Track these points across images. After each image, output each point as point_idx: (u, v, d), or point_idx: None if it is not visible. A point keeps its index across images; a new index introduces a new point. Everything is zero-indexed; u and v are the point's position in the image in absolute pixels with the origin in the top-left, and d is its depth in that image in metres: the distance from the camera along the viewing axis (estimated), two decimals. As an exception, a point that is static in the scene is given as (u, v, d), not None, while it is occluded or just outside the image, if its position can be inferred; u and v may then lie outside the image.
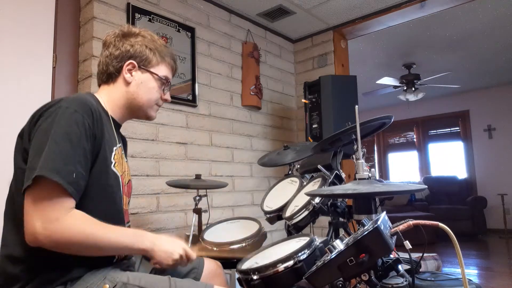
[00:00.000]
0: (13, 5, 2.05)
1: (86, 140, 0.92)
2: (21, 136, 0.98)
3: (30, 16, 2.11)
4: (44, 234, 0.83)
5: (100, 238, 0.90)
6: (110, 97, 1.12)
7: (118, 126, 1.16)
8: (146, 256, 1.28)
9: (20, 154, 0.95)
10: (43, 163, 0.84)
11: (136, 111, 1.17)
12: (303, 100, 3.07)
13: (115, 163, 1.06)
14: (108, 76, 1.13)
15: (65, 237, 0.85)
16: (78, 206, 0.90)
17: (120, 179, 1.08)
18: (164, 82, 1.18)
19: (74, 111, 0.92)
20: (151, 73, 1.15)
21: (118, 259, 1.08)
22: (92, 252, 0.93)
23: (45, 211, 0.84)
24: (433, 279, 1.14)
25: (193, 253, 1.06)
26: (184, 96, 2.61)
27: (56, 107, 0.92)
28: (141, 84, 1.14)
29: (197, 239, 1.85)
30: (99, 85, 1.17)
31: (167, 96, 1.22)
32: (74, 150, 0.89)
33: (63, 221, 0.84)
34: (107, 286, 0.91)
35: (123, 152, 1.18)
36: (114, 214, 1.04)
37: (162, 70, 1.18)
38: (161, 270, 1.22)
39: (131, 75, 1.13)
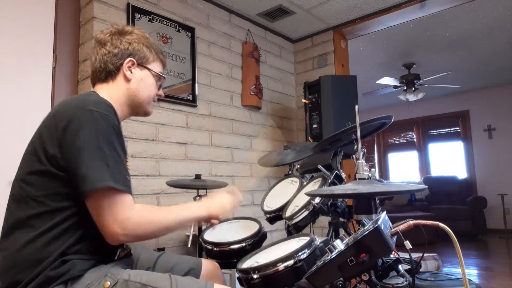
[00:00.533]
0: (13, 5, 2.05)
1: (121, 141, 0.99)
2: (39, 138, 0.96)
3: (30, 16, 2.11)
4: (123, 233, 0.93)
5: (164, 221, 1.02)
6: (110, 95, 1.12)
7: None
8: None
9: (42, 154, 0.93)
10: (101, 173, 0.90)
11: (137, 107, 1.18)
12: (303, 100, 3.07)
13: None
14: (107, 74, 1.14)
15: (140, 229, 0.96)
16: None
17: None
18: (160, 78, 1.22)
19: (107, 116, 0.95)
20: (149, 69, 1.18)
21: (119, 257, 1.08)
22: (164, 233, 1.08)
23: (117, 215, 0.92)
24: (433, 279, 1.14)
25: (239, 194, 1.32)
26: (184, 96, 2.61)
27: (86, 113, 0.93)
28: (141, 81, 1.16)
29: (197, 239, 1.85)
30: (94, 84, 1.17)
31: (161, 92, 1.26)
32: (119, 153, 0.96)
33: (133, 218, 0.95)
34: (108, 283, 0.91)
35: None
36: None
37: (157, 67, 1.21)
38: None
39: (131, 72, 1.14)
